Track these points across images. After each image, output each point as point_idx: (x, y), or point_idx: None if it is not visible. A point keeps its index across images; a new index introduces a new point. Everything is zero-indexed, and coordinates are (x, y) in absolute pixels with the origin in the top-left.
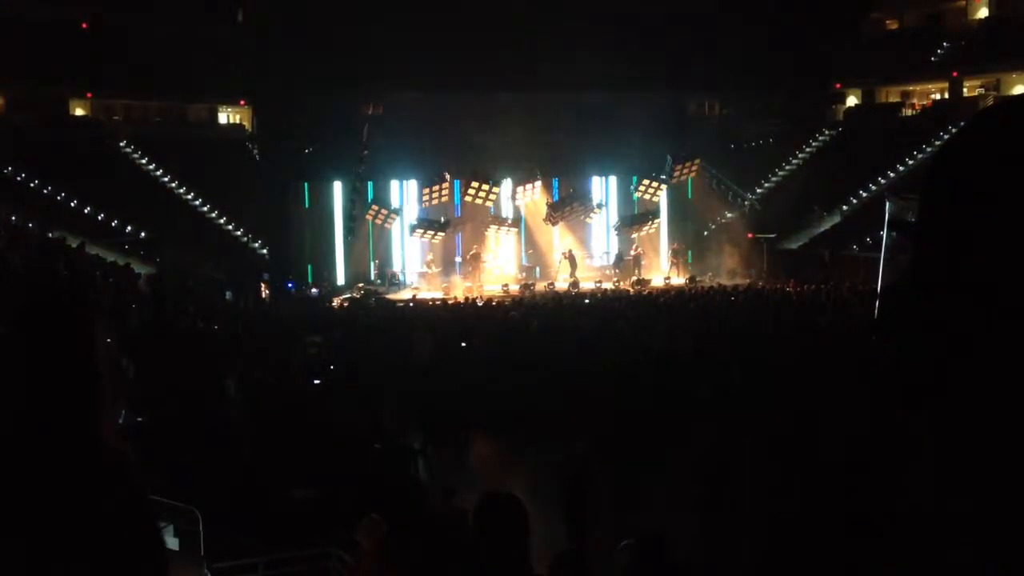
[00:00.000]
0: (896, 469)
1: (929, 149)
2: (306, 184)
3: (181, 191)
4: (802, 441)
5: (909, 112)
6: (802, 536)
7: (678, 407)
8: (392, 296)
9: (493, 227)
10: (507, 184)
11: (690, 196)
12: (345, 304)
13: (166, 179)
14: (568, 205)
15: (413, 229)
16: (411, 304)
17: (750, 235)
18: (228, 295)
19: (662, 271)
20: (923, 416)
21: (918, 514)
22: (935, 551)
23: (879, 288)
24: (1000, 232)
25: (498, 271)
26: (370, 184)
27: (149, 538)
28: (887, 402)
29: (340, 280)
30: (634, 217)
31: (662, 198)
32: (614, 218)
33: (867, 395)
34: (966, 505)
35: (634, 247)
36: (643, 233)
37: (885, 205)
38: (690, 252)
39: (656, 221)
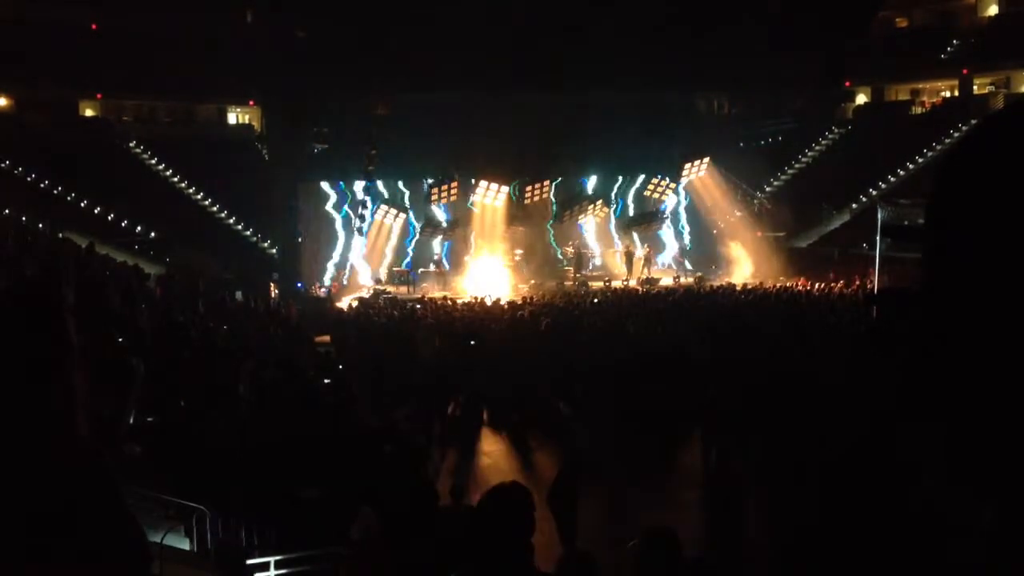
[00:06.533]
0: (906, 473)
1: (939, 147)
2: (315, 183)
3: (190, 191)
4: (813, 442)
5: (919, 110)
6: (812, 536)
7: (685, 407)
8: (401, 295)
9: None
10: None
11: (699, 195)
12: (354, 304)
13: (175, 179)
14: (576, 204)
15: (422, 229)
16: (420, 304)
17: (759, 233)
18: (238, 295)
19: (671, 270)
20: (930, 422)
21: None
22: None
23: (875, 293)
24: (1011, 238)
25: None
26: (378, 184)
27: (120, 522)
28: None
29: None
30: (643, 216)
31: (671, 197)
32: (623, 217)
33: (875, 398)
34: (974, 509)
35: (643, 246)
36: (652, 232)
37: (877, 212)
38: (699, 251)
39: (665, 220)
